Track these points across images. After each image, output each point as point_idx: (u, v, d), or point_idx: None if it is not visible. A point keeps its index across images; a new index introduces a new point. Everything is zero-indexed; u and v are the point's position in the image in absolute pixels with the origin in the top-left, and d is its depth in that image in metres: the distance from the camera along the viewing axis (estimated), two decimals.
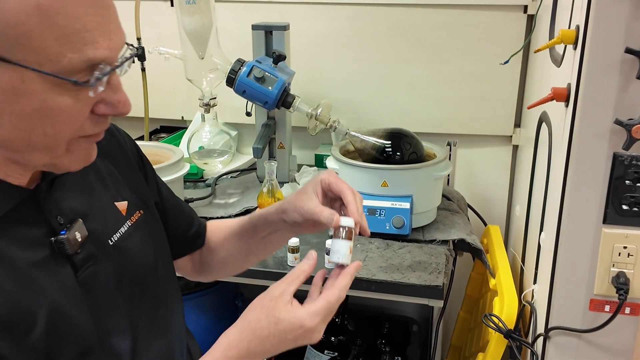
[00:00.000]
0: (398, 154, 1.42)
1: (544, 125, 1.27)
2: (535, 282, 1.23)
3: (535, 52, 1.09)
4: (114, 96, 0.63)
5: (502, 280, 1.34)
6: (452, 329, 1.78)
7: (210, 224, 1.05)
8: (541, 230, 1.20)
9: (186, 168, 1.45)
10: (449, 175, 1.68)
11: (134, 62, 0.71)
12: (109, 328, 0.74)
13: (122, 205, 0.82)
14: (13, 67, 0.56)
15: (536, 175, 1.37)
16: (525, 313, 1.28)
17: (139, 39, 1.70)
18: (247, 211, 1.54)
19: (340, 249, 0.80)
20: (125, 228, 0.81)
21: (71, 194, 0.74)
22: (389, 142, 1.43)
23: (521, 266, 1.42)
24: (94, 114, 0.63)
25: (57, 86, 0.58)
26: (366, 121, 1.80)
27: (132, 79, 1.87)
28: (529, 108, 1.08)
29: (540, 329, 1.10)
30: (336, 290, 0.76)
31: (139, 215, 0.85)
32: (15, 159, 0.64)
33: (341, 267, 0.80)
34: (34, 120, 0.59)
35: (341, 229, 0.80)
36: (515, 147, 1.80)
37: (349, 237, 0.81)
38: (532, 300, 1.23)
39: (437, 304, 1.25)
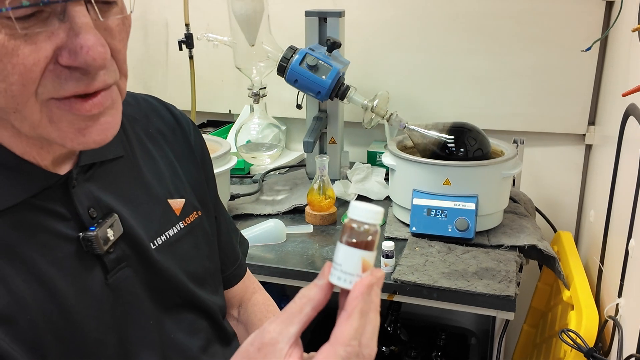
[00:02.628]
0: (462, 150, 1.30)
1: (631, 119, 1.13)
2: (620, 295, 1.09)
3: (633, 31, 0.95)
4: (74, 40, 0.48)
5: (579, 292, 1.20)
6: (514, 344, 1.63)
7: (259, 297, 0.90)
8: (629, 237, 1.06)
9: (233, 161, 1.36)
10: (514, 175, 1.54)
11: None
12: (135, 341, 0.64)
13: (177, 204, 0.72)
14: None
15: (619, 176, 1.23)
16: (606, 330, 1.14)
17: (187, 25, 1.64)
18: (295, 209, 1.44)
19: (347, 264, 0.48)
20: (176, 230, 0.71)
21: (113, 185, 0.64)
22: (452, 137, 1.31)
23: (599, 277, 1.28)
24: (60, 66, 0.49)
25: None
26: (424, 116, 1.68)
27: (180, 70, 1.83)
28: (624, 95, 0.95)
29: (631, 349, 0.96)
30: (340, 347, 0.47)
31: (196, 217, 0.74)
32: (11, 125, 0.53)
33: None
34: None
35: (353, 229, 0.48)
36: (589, 147, 1.64)
37: (365, 244, 0.48)
38: (616, 315, 1.09)
39: (507, 316, 1.12)
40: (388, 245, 1.16)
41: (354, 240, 0.48)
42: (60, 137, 0.52)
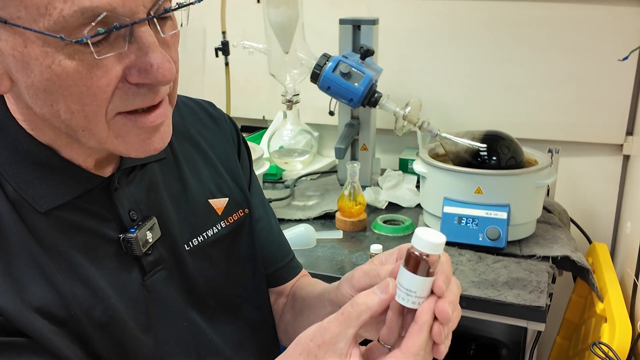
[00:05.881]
0: (494, 158, 1.29)
1: None
2: None
3: None
4: (144, 59, 0.50)
5: (613, 305, 1.18)
6: (546, 356, 1.61)
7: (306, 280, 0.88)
8: None
9: (266, 166, 1.38)
10: (548, 185, 1.52)
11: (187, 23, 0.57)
12: (171, 343, 0.65)
13: (219, 203, 0.73)
14: (11, 28, 0.47)
15: None
16: None
17: (224, 33, 1.68)
18: (326, 214, 1.46)
19: (412, 287, 0.52)
20: (217, 230, 0.72)
21: (153, 188, 0.66)
22: (485, 145, 1.30)
23: (634, 290, 1.25)
24: (128, 83, 0.51)
25: (59, 48, 0.47)
26: (457, 124, 1.67)
27: (216, 76, 1.87)
28: None
29: None
30: (411, 356, 0.51)
31: (241, 214, 0.75)
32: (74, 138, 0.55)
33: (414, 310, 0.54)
34: (53, 94, 0.49)
35: (417, 258, 0.51)
36: (627, 158, 1.61)
37: (428, 272, 0.51)
38: None
39: (537, 327, 1.10)
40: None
41: (418, 269, 0.51)
42: (126, 149, 0.55)
